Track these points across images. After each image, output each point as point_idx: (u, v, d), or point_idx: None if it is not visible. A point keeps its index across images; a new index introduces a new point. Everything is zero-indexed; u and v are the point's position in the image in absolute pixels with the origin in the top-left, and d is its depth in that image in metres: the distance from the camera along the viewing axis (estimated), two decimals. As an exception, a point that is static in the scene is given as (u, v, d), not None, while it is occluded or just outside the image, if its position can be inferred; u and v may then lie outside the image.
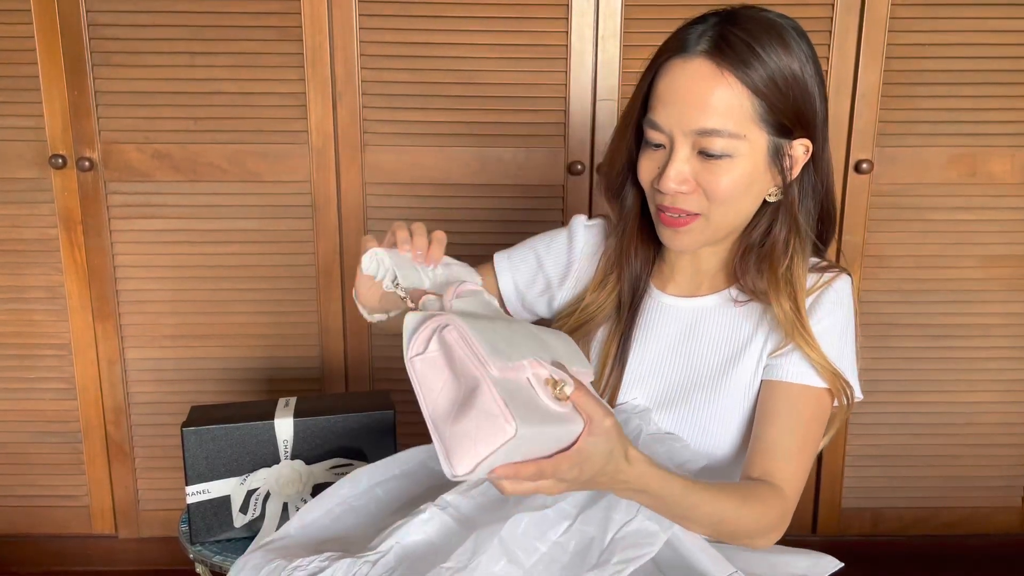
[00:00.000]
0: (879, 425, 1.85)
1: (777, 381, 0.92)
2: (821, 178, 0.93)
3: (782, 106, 0.84)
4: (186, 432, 1.16)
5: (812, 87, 0.87)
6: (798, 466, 0.89)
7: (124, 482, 1.85)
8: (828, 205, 0.95)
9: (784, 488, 0.87)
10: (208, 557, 1.19)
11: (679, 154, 0.86)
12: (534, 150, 1.70)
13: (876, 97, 1.68)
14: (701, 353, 0.97)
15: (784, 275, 0.92)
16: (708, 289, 0.99)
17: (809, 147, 0.89)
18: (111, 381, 1.79)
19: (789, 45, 0.85)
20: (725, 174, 0.86)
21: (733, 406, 0.95)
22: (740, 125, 0.84)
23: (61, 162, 1.66)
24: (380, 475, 0.99)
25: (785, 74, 0.84)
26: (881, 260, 1.77)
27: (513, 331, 0.73)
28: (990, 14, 1.66)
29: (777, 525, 0.86)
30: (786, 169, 0.88)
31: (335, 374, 1.80)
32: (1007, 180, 1.73)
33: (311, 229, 1.73)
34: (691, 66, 0.84)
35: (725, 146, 0.84)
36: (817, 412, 0.92)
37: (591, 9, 1.63)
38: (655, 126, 0.87)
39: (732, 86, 0.83)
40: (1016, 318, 1.80)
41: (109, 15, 1.62)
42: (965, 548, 1.94)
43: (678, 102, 0.85)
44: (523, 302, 1.09)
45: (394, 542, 0.83)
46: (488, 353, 0.66)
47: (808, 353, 0.90)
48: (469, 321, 0.68)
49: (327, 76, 1.65)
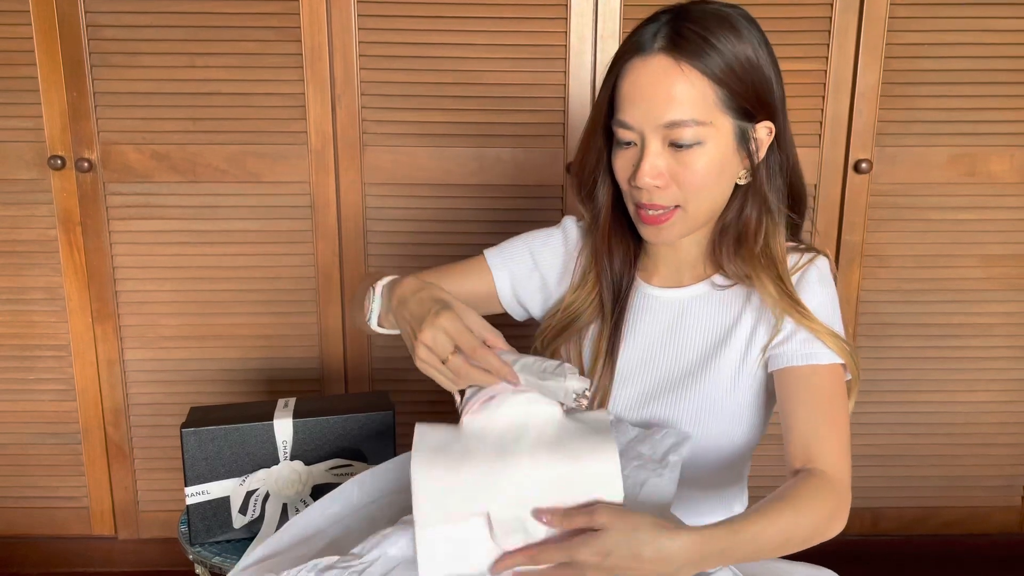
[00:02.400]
0: (879, 425, 1.85)
1: (786, 368, 0.92)
2: (785, 155, 0.96)
3: (742, 91, 0.87)
4: (185, 433, 1.16)
5: (768, 70, 0.90)
6: (836, 444, 0.89)
7: (123, 483, 1.85)
8: (795, 180, 0.99)
9: (828, 471, 0.87)
10: (207, 558, 1.19)
11: (651, 148, 0.89)
12: (533, 150, 1.70)
13: (875, 97, 1.68)
14: (689, 342, 0.99)
15: (762, 252, 0.94)
16: (691, 278, 1.01)
17: (772, 128, 0.92)
18: (110, 382, 1.79)
19: (740, 32, 0.87)
20: (697, 161, 0.88)
21: (723, 391, 0.97)
22: (705, 113, 0.87)
23: (60, 163, 1.66)
24: (370, 495, 0.97)
25: (741, 60, 0.87)
26: (881, 260, 1.77)
27: (487, 472, 0.77)
28: (989, 14, 1.66)
29: (836, 512, 0.86)
30: (752, 152, 0.91)
31: (334, 375, 1.80)
32: (1006, 180, 1.73)
33: (310, 230, 1.73)
34: (651, 64, 0.87)
35: (694, 134, 0.87)
36: (834, 386, 0.92)
37: (590, 9, 1.63)
38: (624, 125, 0.90)
39: (692, 77, 0.86)
40: (1016, 318, 1.80)
41: (108, 16, 1.62)
42: (964, 548, 1.94)
43: (644, 99, 0.87)
44: (518, 299, 1.09)
45: (380, 553, 0.82)
46: (416, 509, 0.76)
47: (803, 323, 0.91)
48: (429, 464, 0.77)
49: (326, 77, 1.65)
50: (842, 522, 0.87)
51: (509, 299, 1.09)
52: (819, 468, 0.87)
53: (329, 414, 1.21)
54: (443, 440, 0.79)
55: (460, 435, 0.80)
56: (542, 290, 1.08)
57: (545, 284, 1.08)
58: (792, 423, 0.90)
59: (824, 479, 0.86)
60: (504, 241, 1.10)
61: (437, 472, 0.76)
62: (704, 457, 0.99)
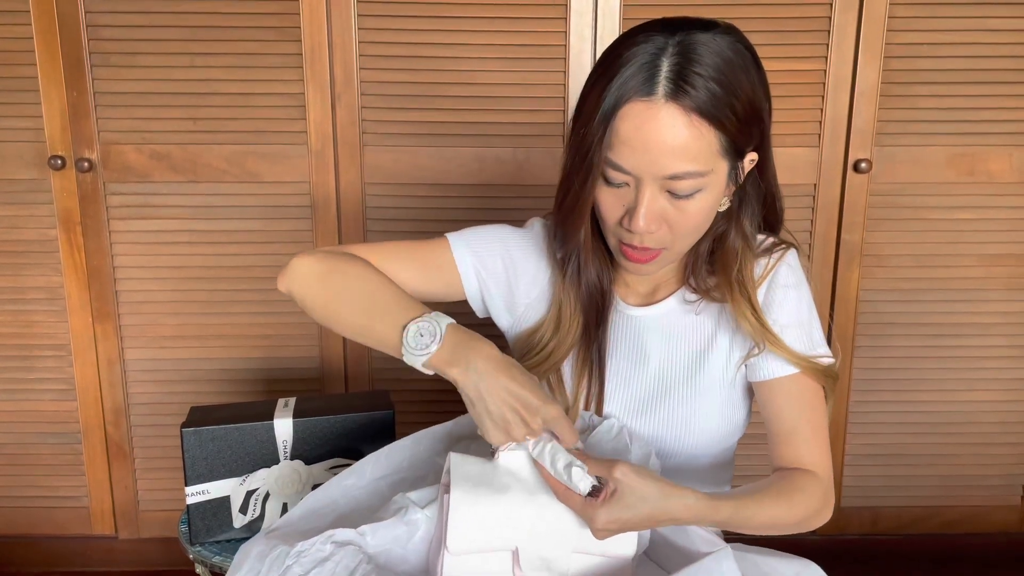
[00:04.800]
0: (878, 424, 1.85)
1: (766, 380, 0.96)
2: (767, 183, 0.95)
3: (741, 134, 0.85)
4: (186, 432, 1.16)
5: (762, 99, 0.86)
6: (819, 445, 0.95)
7: (124, 483, 1.85)
8: (774, 203, 0.97)
9: (815, 470, 0.93)
10: (208, 558, 1.19)
11: (647, 194, 0.85)
12: (533, 150, 1.70)
13: (875, 96, 1.68)
14: (669, 357, 0.99)
15: (736, 278, 0.94)
16: (664, 293, 1.01)
17: (755, 158, 0.90)
18: (111, 382, 1.79)
19: (748, 71, 0.83)
20: (693, 207, 0.86)
21: (709, 403, 0.98)
22: (708, 162, 0.84)
23: (60, 163, 1.66)
24: (383, 469, 0.99)
25: (745, 104, 0.83)
26: (880, 259, 1.77)
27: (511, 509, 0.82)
28: (989, 13, 1.66)
29: (822, 507, 0.92)
30: (737, 181, 0.90)
31: (334, 374, 1.80)
32: (1006, 179, 1.73)
33: (310, 229, 1.73)
34: (659, 113, 0.81)
35: (695, 184, 0.84)
36: (813, 392, 0.96)
37: (590, 9, 1.63)
38: (620, 169, 0.84)
39: (701, 128, 0.82)
40: (1015, 317, 1.81)
41: (108, 16, 1.62)
42: (964, 547, 1.94)
43: (648, 150, 0.82)
44: (483, 299, 1.04)
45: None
46: (449, 536, 0.81)
47: (780, 354, 0.93)
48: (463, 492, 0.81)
49: (326, 76, 1.65)
50: (826, 517, 0.94)
51: (476, 298, 1.04)
52: (807, 469, 0.94)
53: (329, 414, 1.21)
54: (480, 473, 0.83)
55: (495, 471, 0.83)
56: (508, 296, 1.04)
57: (512, 290, 1.03)
58: (776, 429, 0.96)
59: (815, 478, 0.93)
60: (470, 230, 1.04)
61: (476, 507, 0.80)
62: (696, 462, 1.00)
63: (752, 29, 1.54)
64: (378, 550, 0.86)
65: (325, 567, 0.81)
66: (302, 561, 0.81)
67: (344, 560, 0.82)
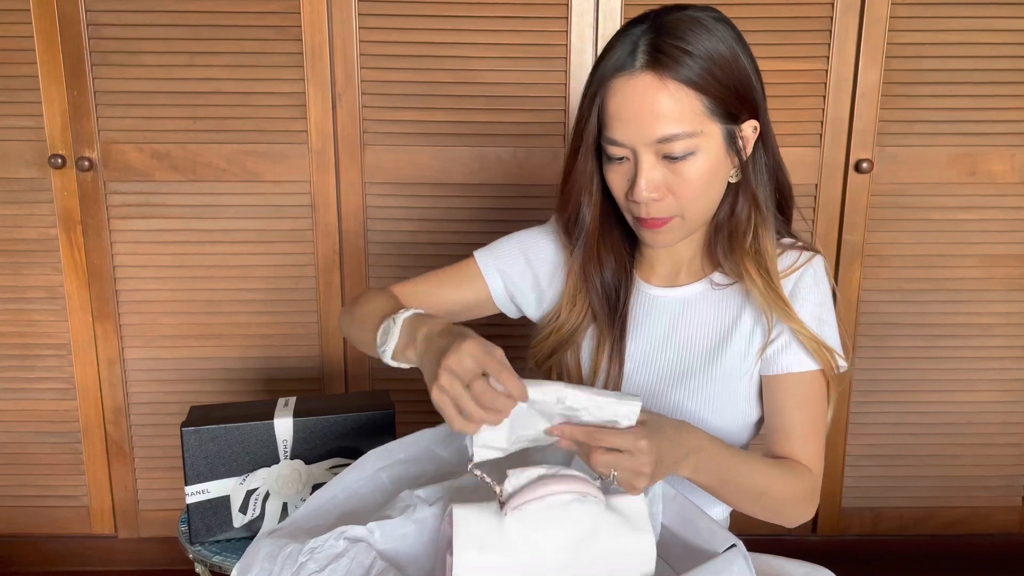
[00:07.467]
0: (879, 425, 1.85)
1: (777, 375, 0.98)
2: (771, 153, 0.97)
3: (725, 95, 0.88)
4: (186, 432, 1.16)
5: (746, 67, 0.90)
6: (815, 444, 0.97)
7: (124, 482, 1.85)
8: (781, 177, 1.00)
9: (809, 467, 0.96)
10: (208, 557, 1.19)
11: (645, 163, 0.89)
12: (534, 150, 1.70)
13: (876, 97, 1.68)
14: (690, 341, 1.01)
15: (752, 247, 0.97)
16: (688, 277, 1.03)
17: (757, 126, 0.93)
18: (111, 381, 1.79)
19: (714, 33, 0.88)
20: (691, 170, 0.90)
21: (726, 389, 0.99)
22: (694, 123, 0.88)
23: (60, 162, 1.66)
24: (384, 460, 0.99)
25: (718, 62, 0.87)
26: (881, 260, 1.77)
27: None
28: (990, 14, 1.66)
29: (810, 497, 0.95)
30: (740, 150, 0.93)
31: (335, 374, 1.80)
32: (1007, 180, 1.73)
33: (311, 229, 1.73)
34: (635, 82, 0.87)
35: (686, 146, 0.88)
36: (818, 392, 0.98)
37: (591, 9, 1.63)
38: (615, 143, 0.91)
39: (677, 91, 0.86)
40: (1016, 318, 1.80)
41: (109, 15, 1.62)
42: (964, 548, 1.94)
43: (632, 118, 0.88)
44: (512, 298, 1.10)
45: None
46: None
47: (788, 323, 0.95)
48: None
49: (327, 76, 1.65)
50: (810, 512, 0.96)
51: (503, 299, 1.10)
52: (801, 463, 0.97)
53: (329, 413, 1.21)
54: (486, 533, 0.76)
55: (502, 529, 0.77)
56: (535, 288, 1.09)
57: (538, 282, 1.08)
58: (777, 424, 0.98)
59: (808, 471, 0.96)
60: (494, 241, 1.10)
61: (483, 574, 0.75)
62: None
63: (753, 29, 1.54)
64: (386, 547, 0.84)
65: (340, 563, 0.80)
66: (316, 557, 0.80)
67: (359, 557, 0.81)
